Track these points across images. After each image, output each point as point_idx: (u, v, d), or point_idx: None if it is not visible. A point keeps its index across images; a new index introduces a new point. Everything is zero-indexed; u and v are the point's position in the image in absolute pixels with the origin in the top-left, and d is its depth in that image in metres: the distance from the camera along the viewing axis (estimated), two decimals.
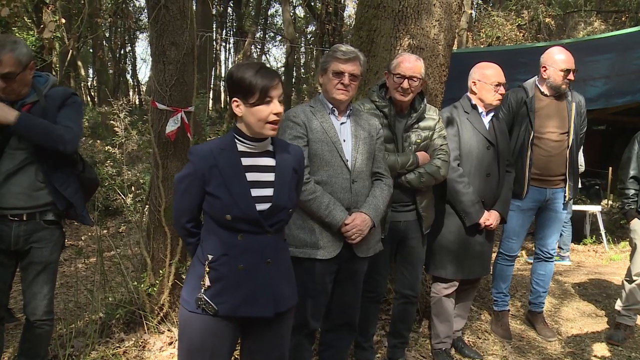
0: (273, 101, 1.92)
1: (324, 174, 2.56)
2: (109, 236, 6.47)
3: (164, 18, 3.50)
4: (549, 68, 3.69)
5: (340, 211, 2.53)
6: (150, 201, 3.70)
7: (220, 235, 1.96)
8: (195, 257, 2.06)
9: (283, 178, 2.02)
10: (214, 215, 1.96)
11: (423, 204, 3.03)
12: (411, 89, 2.91)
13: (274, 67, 27.82)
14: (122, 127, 6.57)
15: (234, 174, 1.94)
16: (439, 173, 2.97)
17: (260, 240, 1.97)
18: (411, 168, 2.94)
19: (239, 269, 1.95)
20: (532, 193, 3.75)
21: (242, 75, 1.91)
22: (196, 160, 1.95)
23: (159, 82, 3.54)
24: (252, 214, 1.93)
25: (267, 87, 1.90)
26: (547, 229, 3.91)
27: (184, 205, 2.03)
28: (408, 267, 3.14)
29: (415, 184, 2.94)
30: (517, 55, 6.86)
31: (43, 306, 2.69)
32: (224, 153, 1.96)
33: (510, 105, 3.76)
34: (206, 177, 1.93)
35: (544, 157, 3.71)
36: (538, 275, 4.01)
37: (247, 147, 2.00)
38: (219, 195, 1.92)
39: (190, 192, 1.98)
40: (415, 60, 2.93)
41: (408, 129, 2.99)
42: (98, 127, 13.39)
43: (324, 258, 2.55)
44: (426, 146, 3.02)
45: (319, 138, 2.57)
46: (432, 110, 3.09)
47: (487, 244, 3.35)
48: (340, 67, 2.57)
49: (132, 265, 4.35)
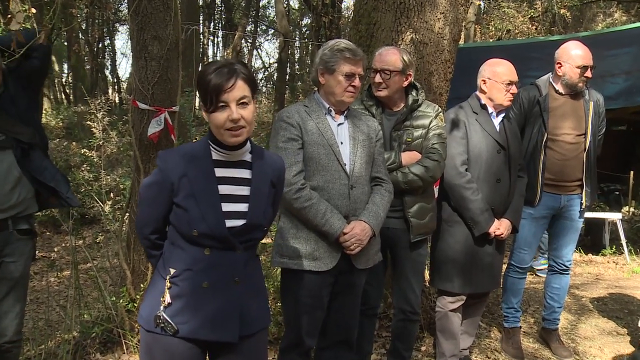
0: (229, 106, 1.85)
1: (320, 179, 2.57)
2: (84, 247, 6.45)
3: (145, 10, 3.53)
4: (564, 64, 3.71)
5: (338, 219, 2.54)
6: (131, 209, 3.72)
7: (185, 248, 1.93)
8: (157, 271, 2.03)
9: (259, 193, 1.99)
10: (180, 229, 1.93)
11: (413, 208, 3.03)
12: (385, 82, 2.95)
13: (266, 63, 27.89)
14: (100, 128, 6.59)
15: (205, 185, 1.91)
16: (426, 174, 2.97)
17: (229, 257, 1.94)
18: (392, 167, 2.95)
19: (202, 287, 1.91)
20: (545, 200, 3.76)
21: (200, 77, 1.87)
22: (165, 167, 1.92)
23: (141, 79, 3.56)
24: (221, 232, 1.90)
25: (217, 90, 1.83)
26: (562, 238, 3.92)
27: (148, 215, 2.01)
28: (401, 279, 3.16)
29: (400, 185, 2.95)
30: (530, 50, 6.91)
31: (14, 326, 2.67)
32: (195, 161, 1.93)
33: (522, 105, 3.77)
34: (175, 187, 1.90)
35: (558, 160, 3.73)
36: (552, 288, 4.02)
37: (221, 155, 1.97)
38: (187, 208, 1.89)
39: (157, 201, 1.95)
40: (388, 52, 2.98)
41: (398, 126, 3.03)
42: (74, 127, 13.39)
43: (320, 270, 2.56)
44: (420, 146, 3.04)
45: (315, 140, 2.58)
46: (430, 107, 3.10)
47: (497, 255, 3.37)
48: (353, 68, 2.60)
49: (110, 278, 4.36)
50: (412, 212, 3.03)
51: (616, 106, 6.39)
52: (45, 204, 2.76)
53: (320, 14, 15.12)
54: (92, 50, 22.23)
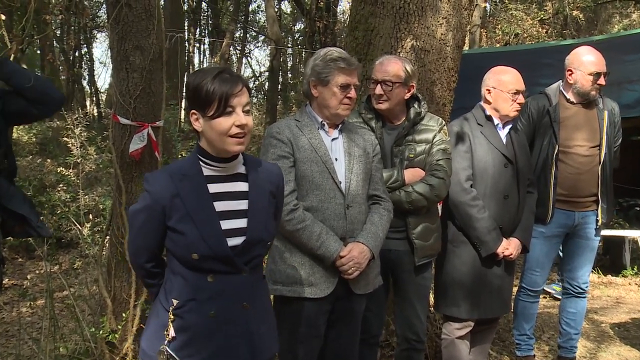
0: (235, 111, 1.89)
1: (314, 199, 2.60)
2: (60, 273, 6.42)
3: (126, 18, 3.57)
4: (575, 71, 3.75)
5: (334, 241, 2.57)
6: (112, 231, 3.73)
7: (186, 277, 1.94)
8: (157, 302, 2.04)
9: (258, 205, 2.02)
10: (178, 254, 1.94)
11: (417, 229, 3.06)
12: (386, 94, 2.99)
13: (257, 72, 28.00)
14: (78, 144, 6.60)
15: (200, 204, 1.93)
16: (431, 193, 3.00)
17: (234, 281, 1.96)
18: (394, 185, 2.99)
19: (209, 316, 1.93)
20: (558, 217, 3.79)
21: (199, 83, 1.89)
22: (153, 189, 1.93)
23: (122, 92, 3.59)
24: (223, 252, 1.92)
25: (226, 94, 1.87)
26: (577, 259, 3.94)
27: (141, 244, 2.02)
28: (403, 305, 3.18)
29: (403, 204, 2.98)
30: (539, 55, 6.97)
31: None
32: (186, 179, 1.94)
33: (530, 115, 3.81)
34: (167, 210, 1.91)
35: (571, 174, 3.76)
36: (568, 313, 4.03)
37: (213, 170, 1.99)
38: (183, 231, 1.90)
39: (148, 228, 1.96)
40: (390, 61, 3.03)
41: (400, 141, 3.06)
42: (48, 143, 13.39)
43: (316, 297, 2.58)
44: (423, 162, 3.07)
45: (308, 157, 2.62)
46: (433, 120, 3.15)
47: (506, 278, 3.39)
48: (348, 79, 2.64)
49: (88, 307, 4.35)
50: (416, 233, 3.05)
51: (635, 114, 6.41)
52: (10, 233, 2.74)
53: (314, 19, 15.19)
54: (67, 59, 22.28)
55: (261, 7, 26.18)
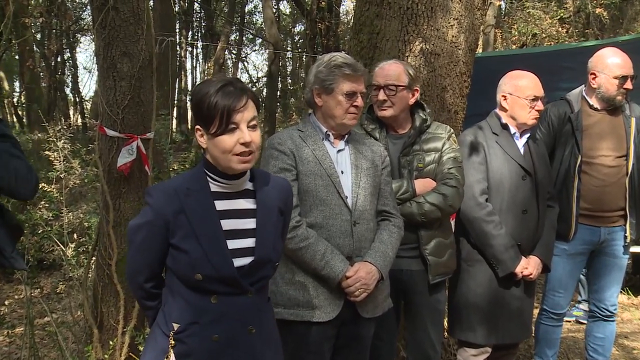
0: (239, 127, 1.90)
1: (318, 215, 2.62)
2: (42, 298, 6.43)
3: (113, 22, 3.60)
4: (599, 75, 3.76)
5: (340, 261, 2.58)
6: (98, 252, 3.75)
7: (188, 298, 1.96)
8: (156, 326, 2.05)
9: (266, 224, 2.05)
10: (181, 274, 1.96)
11: (430, 245, 3.07)
12: (390, 100, 3.02)
13: (254, 77, 28.09)
14: (61, 157, 6.62)
15: (206, 221, 1.95)
16: (445, 203, 3.02)
17: (240, 303, 1.98)
18: (405, 197, 3.01)
19: (213, 340, 1.95)
20: (582, 233, 3.79)
21: (201, 97, 1.91)
22: (157, 204, 1.95)
23: (109, 102, 3.62)
24: (229, 273, 1.94)
25: (229, 110, 1.88)
26: (603, 278, 3.93)
27: (140, 262, 2.04)
28: (416, 330, 3.18)
29: (415, 217, 3.00)
30: (559, 58, 6.97)
31: None
32: (192, 195, 1.97)
33: (550, 123, 3.83)
34: (170, 226, 1.94)
35: (596, 187, 3.76)
36: (595, 338, 4.01)
37: (220, 186, 2.02)
38: (187, 249, 1.93)
39: (149, 245, 1.99)
40: (391, 65, 3.07)
41: (407, 151, 3.09)
42: (29, 157, 13.41)
43: (320, 321, 2.59)
44: (433, 172, 3.10)
45: (312, 170, 2.64)
46: (441, 128, 3.18)
47: (526, 299, 3.39)
48: (354, 86, 2.66)
49: (72, 335, 4.34)
50: (429, 248, 3.06)
51: None
52: None
53: (315, 20, 15.19)
54: (49, 65, 22.38)
55: (258, 7, 26.37)
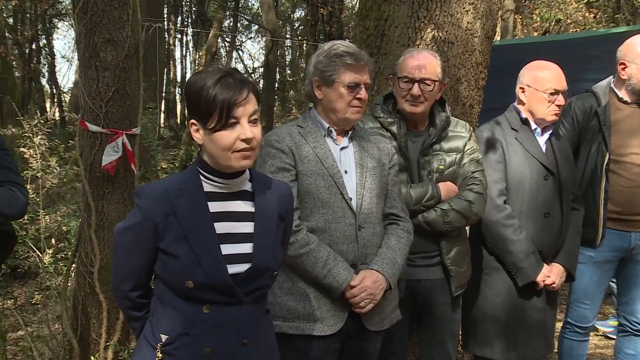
0: (240, 122, 1.91)
1: (320, 219, 2.62)
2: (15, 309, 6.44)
3: (95, 7, 3.59)
4: (630, 65, 3.74)
5: (344, 269, 2.58)
6: (79, 259, 3.74)
7: (178, 308, 1.97)
8: (143, 338, 2.06)
9: (265, 229, 2.05)
10: (170, 281, 1.97)
11: (451, 254, 3.07)
12: (424, 95, 3.00)
13: (249, 67, 28.10)
14: (37, 155, 6.63)
15: (198, 224, 1.96)
16: (470, 210, 3.02)
17: (234, 314, 1.98)
18: (430, 204, 3.00)
19: (204, 354, 1.95)
20: (610, 239, 3.78)
21: (197, 89, 1.92)
22: (146, 205, 1.96)
23: (91, 94, 3.61)
24: (222, 280, 1.94)
25: (229, 103, 1.89)
26: (635, 289, 3.92)
27: (127, 268, 2.05)
28: (434, 346, 3.17)
29: (438, 225, 3.00)
30: (586, 46, 6.96)
31: None
32: (184, 195, 1.97)
33: (574, 118, 3.82)
34: (159, 229, 1.95)
35: (626, 188, 3.75)
36: (626, 355, 3.99)
37: (215, 186, 2.02)
38: (177, 254, 1.93)
39: (137, 249, 1.99)
40: (427, 56, 3.05)
41: (427, 151, 3.08)
42: None
43: (323, 334, 2.59)
44: (453, 174, 3.10)
45: (312, 170, 2.64)
46: (460, 125, 3.18)
47: (548, 311, 3.39)
48: (356, 77, 2.65)
49: (49, 350, 4.34)
50: (450, 258, 3.07)
51: None
52: None
53: (317, 5, 15.17)
54: (23, 53, 22.37)
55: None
